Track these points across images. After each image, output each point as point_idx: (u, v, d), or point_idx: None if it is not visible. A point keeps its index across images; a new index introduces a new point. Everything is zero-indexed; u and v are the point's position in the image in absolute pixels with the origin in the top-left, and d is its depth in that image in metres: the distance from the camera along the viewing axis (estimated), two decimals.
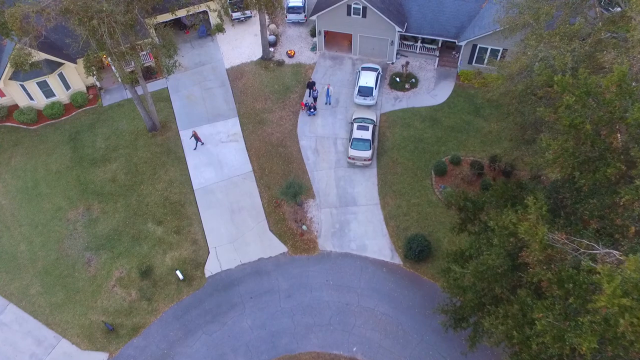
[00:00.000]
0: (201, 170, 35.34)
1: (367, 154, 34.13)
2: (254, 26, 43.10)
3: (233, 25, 42.86)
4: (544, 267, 17.99)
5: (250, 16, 43.55)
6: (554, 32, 22.10)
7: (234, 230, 32.72)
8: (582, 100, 18.77)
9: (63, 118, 38.47)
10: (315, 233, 32.48)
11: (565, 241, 18.34)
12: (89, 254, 31.84)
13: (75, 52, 35.02)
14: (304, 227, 32.60)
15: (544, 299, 18.41)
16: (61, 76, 37.77)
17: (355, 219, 32.85)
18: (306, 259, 31.49)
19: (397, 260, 31.13)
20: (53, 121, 38.29)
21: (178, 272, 30.34)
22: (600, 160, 19.09)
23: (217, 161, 35.75)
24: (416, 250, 30.18)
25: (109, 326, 28.71)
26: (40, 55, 35.55)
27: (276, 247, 31.97)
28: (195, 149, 35.39)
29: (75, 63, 37.54)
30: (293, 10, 42.71)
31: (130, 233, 32.57)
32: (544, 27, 23.14)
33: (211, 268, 31.32)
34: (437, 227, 32.00)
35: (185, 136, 37.03)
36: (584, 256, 17.86)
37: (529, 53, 22.39)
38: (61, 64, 37.14)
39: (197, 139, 35.32)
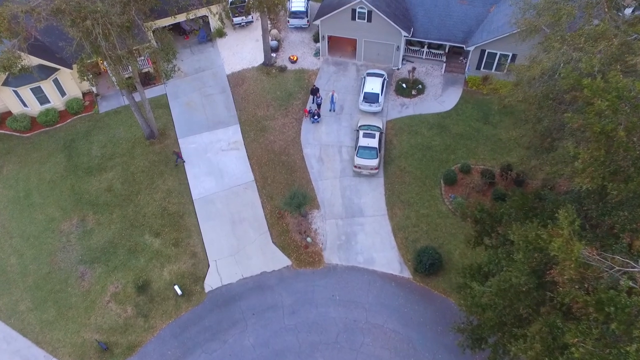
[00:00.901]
0: (201, 180, 33.59)
1: (374, 162, 32.45)
2: (256, 31, 41.55)
3: (234, 28, 41.34)
4: (577, 287, 16.28)
5: (252, 21, 42.02)
6: (578, 33, 20.55)
7: (235, 243, 30.93)
8: (615, 105, 17.15)
9: (58, 125, 36.71)
10: (321, 245, 30.72)
11: (598, 258, 16.67)
12: (83, 267, 29.98)
13: (70, 57, 33.36)
14: (309, 239, 30.83)
15: (577, 321, 16.69)
16: (56, 82, 36.06)
17: (362, 231, 31.11)
18: (311, 273, 29.70)
19: (407, 274, 29.38)
20: (47, 128, 36.54)
21: (176, 287, 28.50)
22: (634, 169, 17.46)
23: (218, 170, 34.02)
24: (427, 264, 28.43)
25: (103, 345, 26.81)
26: (33, 60, 33.90)
27: (279, 260, 30.18)
28: (176, 165, 33.73)
29: (71, 68, 35.85)
30: (295, 15, 41.18)
31: (127, 245, 30.74)
32: (566, 29, 21.58)
33: (211, 282, 29.49)
34: (448, 239, 30.28)
35: (185, 144, 35.31)
36: (621, 274, 16.19)
37: (550, 56, 20.79)
38: (56, 70, 35.45)
39: (178, 155, 33.57)
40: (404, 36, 36.29)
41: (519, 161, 27.36)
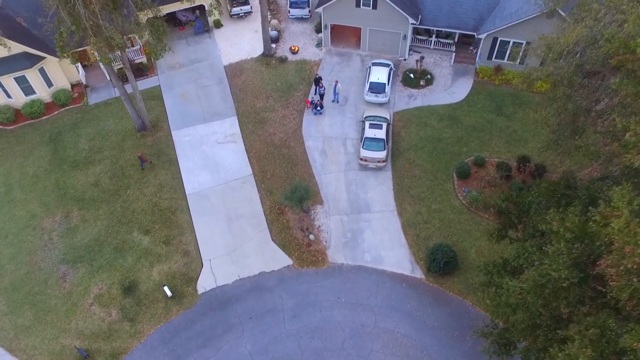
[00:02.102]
0: (195, 174, 30.71)
1: (382, 154, 29.63)
2: (255, 22, 38.95)
3: (233, 19, 38.82)
4: (637, 279, 13.38)
5: (251, 11, 39.43)
6: None
7: (231, 241, 27.97)
8: None
9: (44, 117, 33.87)
10: (324, 243, 27.77)
11: None
12: (65, 267, 26.97)
13: (51, 34, 30.44)
14: (311, 236, 27.89)
15: (635, 321, 13.78)
16: (42, 72, 33.28)
17: (369, 227, 28.20)
18: (314, 273, 26.72)
19: (419, 274, 26.41)
20: (32, 121, 33.69)
21: (166, 288, 25.48)
22: None
23: (213, 164, 31.16)
24: (441, 262, 25.48)
25: (83, 352, 23.72)
26: (17, 47, 31.22)
27: (279, 260, 27.22)
28: (142, 169, 30.67)
29: (58, 57, 33.06)
30: (296, 4, 38.59)
31: (113, 243, 27.76)
32: None
33: (205, 283, 26.49)
34: (463, 236, 27.37)
35: (178, 136, 32.50)
36: None
37: (587, 21, 18.09)
38: (42, 58, 32.69)
39: (142, 159, 30.59)
40: (412, 24, 33.67)
41: (543, 147, 24.49)
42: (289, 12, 38.98)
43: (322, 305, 25.57)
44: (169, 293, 25.39)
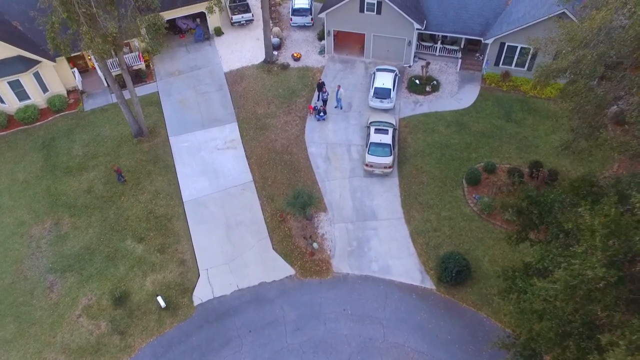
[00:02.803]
0: (193, 180, 29.15)
1: (388, 160, 28.15)
2: (256, 30, 38.01)
3: (234, 27, 37.90)
4: None
5: (252, 19, 38.53)
6: None
7: (230, 249, 26.24)
8: None
9: (37, 123, 32.47)
10: (329, 252, 26.04)
11: None
12: (53, 276, 25.13)
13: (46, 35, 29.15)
14: (315, 244, 26.17)
15: None
16: (37, 76, 32.02)
17: (375, 236, 26.51)
18: (318, 283, 24.92)
19: (429, 284, 24.62)
20: (26, 126, 32.27)
21: (159, 299, 23.60)
22: None
23: (212, 170, 29.64)
24: (453, 271, 23.73)
25: None
26: (11, 50, 30.08)
27: (281, 269, 25.45)
28: (122, 182, 28.79)
29: (54, 61, 31.95)
30: (299, 12, 37.68)
31: (105, 251, 26.00)
32: None
33: (201, 294, 24.65)
34: (475, 244, 25.68)
35: (176, 143, 31.05)
36: None
37: (610, 6, 16.85)
38: (37, 62, 31.46)
39: (119, 173, 28.56)
40: (417, 29, 32.65)
41: (562, 145, 23.00)
42: (291, 20, 38.05)
43: (327, 317, 23.70)
44: (162, 304, 23.51)
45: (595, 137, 19.01)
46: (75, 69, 33.95)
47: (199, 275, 25.26)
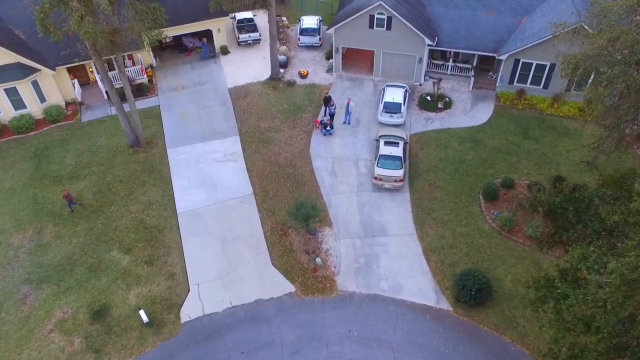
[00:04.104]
0: (189, 192, 26.92)
1: (398, 173, 25.90)
2: (263, 50, 36.95)
3: (240, 46, 36.89)
4: None
5: (259, 39, 37.57)
6: None
7: (224, 264, 23.60)
8: None
9: (32, 133, 30.75)
10: (333, 269, 23.32)
11: None
12: (27, 287, 22.47)
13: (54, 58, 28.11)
14: (318, 260, 23.49)
15: None
16: (35, 85, 30.63)
17: (385, 252, 23.84)
18: (320, 302, 22.06)
19: (445, 305, 21.68)
20: (19, 136, 30.52)
21: (142, 312, 20.76)
22: None
23: (210, 182, 27.46)
24: (472, 290, 20.87)
25: None
26: (10, 56, 28.86)
27: (280, 286, 22.69)
28: (72, 210, 25.82)
29: (54, 70, 30.66)
30: (307, 32, 36.70)
31: (88, 262, 23.42)
32: None
33: (190, 311, 21.82)
34: (495, 263, 22.90)
35: (174, 154, 29.09)
36: None
37: None
38: (37, 70, 30.15)
39: (68, 199, 25.41)
40: (428, 45, 31.30)
41: (593, 144, 20.70)
42: (299, 40, 37.03)
43: (330, 339, 20.69)
44: (144, 318, 20.64)
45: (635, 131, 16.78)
46: (76, 80, 32.62)
47: (189, 290, 22.51)
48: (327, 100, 30.37)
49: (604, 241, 14.48)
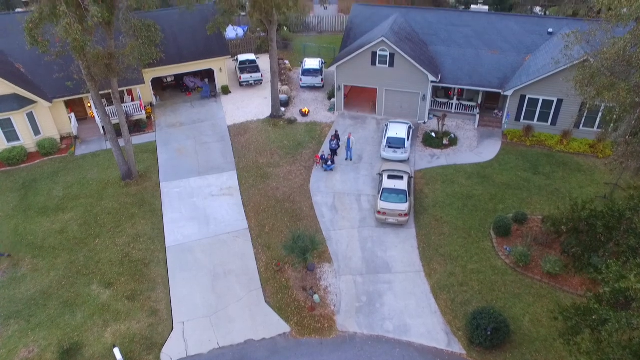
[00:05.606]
0: (180, 225, 25.14)
1: (403, 206, 24.16)
2: (264, 91, 36.52)
3: (242, 86, 36.46)
4: None
5: (261, 80, 37.24)
6: None
7: (214, 301, 21.35)
8: None
9: (22, 165, 29.53)
10: (332, 307, 21.01)
11: None
12: None
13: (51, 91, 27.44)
14: (316, 297, 21.23)
15: None
16: (31, 117, 29.83)
17: (389, 290, 21.60)
18: (318, 344, 19.58)
19: (458, 348, 19.16)
20: (9, 168, 29.28)
21: (116, 351, 18.22)
22: None
23: (203, 216, 25.74)
24: (488, 330, 18.46)
25: None
26: (7, 87, 28.24)
27: (274, 325, 20.31)
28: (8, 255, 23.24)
29: (51, 102, 29.94)
30: (309, 73, 36.40)
31: (64, 297, 21.24)
32: None
33: (172, 351, 19.35)
34: (512, 301, 20.58)
35: (167, 188, 27.57)
36: None
37: None
38: (33, 103, 29.44)
39: None
40: (432, 82, 30.65)
41: (612, 164, 19.02)
42: (301, 81, 36.67)
43: None
44: (119, 358, 18.13)
45: None
46: (73, 114, 31.86)
47: (173, 329, 20.13)
48: (338, 137, 29.24)
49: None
